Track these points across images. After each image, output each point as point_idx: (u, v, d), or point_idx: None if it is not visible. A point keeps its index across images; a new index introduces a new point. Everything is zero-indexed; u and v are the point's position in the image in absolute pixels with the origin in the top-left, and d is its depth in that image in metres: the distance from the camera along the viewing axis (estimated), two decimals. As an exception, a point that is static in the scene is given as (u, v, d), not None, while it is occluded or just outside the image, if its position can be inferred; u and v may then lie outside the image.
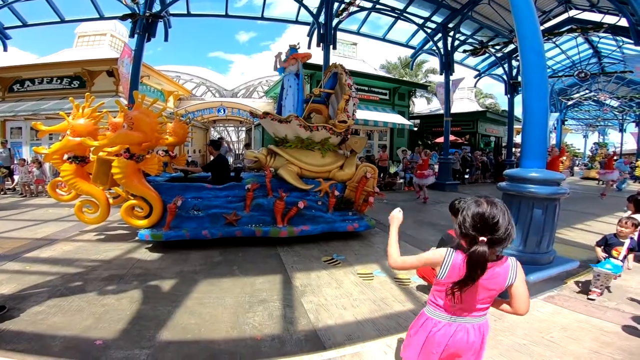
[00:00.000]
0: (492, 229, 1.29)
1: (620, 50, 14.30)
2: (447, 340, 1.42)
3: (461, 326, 1.43)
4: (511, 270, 1.39)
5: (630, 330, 2.76)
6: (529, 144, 3.65)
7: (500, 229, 1.29)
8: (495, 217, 1.30)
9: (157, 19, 9.34)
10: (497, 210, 1.32)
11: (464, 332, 1.42)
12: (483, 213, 1.31)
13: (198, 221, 4.90)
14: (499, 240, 1.30)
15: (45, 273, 3.89)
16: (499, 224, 1.29)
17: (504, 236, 1.30)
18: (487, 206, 1.33)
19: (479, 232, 1.30)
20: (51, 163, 5.60)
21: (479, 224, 1.31)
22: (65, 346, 2.49)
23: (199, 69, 28.44)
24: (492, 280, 1.37)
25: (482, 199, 1.37)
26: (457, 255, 1.39)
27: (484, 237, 1.29)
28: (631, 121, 26.92)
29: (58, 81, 13.88)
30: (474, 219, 1.32)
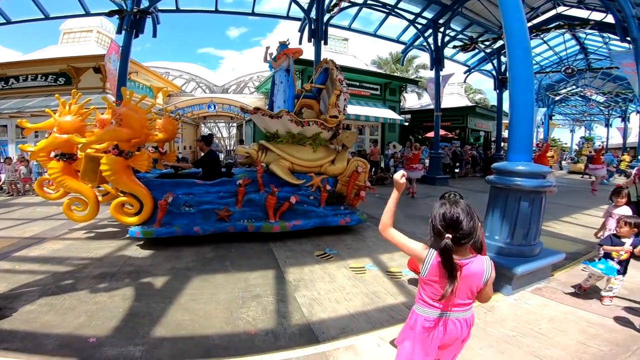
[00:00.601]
0: (456, 226, 1.43)
1: (607, 46, 14.56)
2: (442, 334, 1.53)
3: (451, 320, 1.53)
4: (486, 266, 1.52)
5: (615, 322, 2.83)
6: (515, 138, 3.71)
7: (464, 227, 1.42)
8: (457, 216, 1.43)
9: (145, 15, 9.18)
10: (458, 210, 1.45)
11: (453, 325, 1.53)
12: (445, 212, 1.46)
13: (189, 217, 4.88)
14: (463, 235, 1.43)
15: (35, 272, 3.84)
16: (462, 222, 1.43)
17: (468, 232, 1.43)
18: (449, 206, 1.47)
19: (445, 229, 1.44)
20: (38, 161, 5.49)
21: (443, 221, 1.45)
22: (59, 344, 2.47)
23: (189, 65, 28.13)
24: (471, 277, 1.49)
25: (446, 200, 1.52)
26: (436, 254, 1.48)
27: (449, 233, 1.42)
28: (617, 116, 27.49)
29: (43, 78, 13.57)
30: (442, 217, 1.46)
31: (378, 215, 1.66)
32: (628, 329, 2.72)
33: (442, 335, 1.53)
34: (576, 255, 4.61)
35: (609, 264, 3.20)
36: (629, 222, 3.22)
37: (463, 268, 1.46)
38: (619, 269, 3.17)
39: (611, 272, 3.15)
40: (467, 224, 1.42)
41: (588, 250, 4.91)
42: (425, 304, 1.55)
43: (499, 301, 3.24)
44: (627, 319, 2.87)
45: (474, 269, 1.48)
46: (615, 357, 2.38)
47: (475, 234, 1.44)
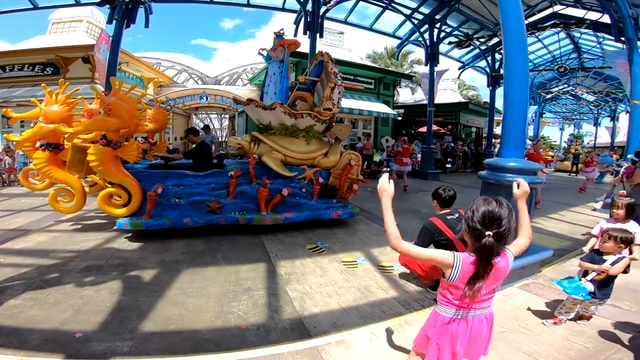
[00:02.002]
0: (498, 224, 1.43)
1: (600, 46, 14.70)
2: (468, 333, 1.55)
3: (476, 318, 1.56)
4: (510, 259, 1.53)
5: (600, 319, 2.85)
6: (508, 134, 3.72)
7: (504, 226, 1.43)
8: (502, 214, 1.44)
9: (137, 5, 8.94)
10: (503, 208, 1.45)
11: (478, 323, 1.56)
12: (492, 210, 1.45)
13: (179, 209, 4.80)
14: (501, 235, 1.43)
15: (19, 265, 3.74)
16: (504, 220, 1.43)
17: (506, 231, 1.44)
18: (496, 204, 1.46)
19: (485, 227, 1.43)
20: (23, 151, 5.34)
21: (487, 219, 1.44)
22: (44, 339, 2.41)
23: (181, 56, 27.71)
24: (498, 273, 1.50)
25: (492, 198, 1.50)
26: (465, 257, 1.48)
27: (489, 231, 1.42)
28: (606, 115, 27.92)
29: (30, 68, 13.30)
30: (483, 214, 1.45)
31: (370, 209, 1.63)
32: (613, 326, 2.75)
33: (469, 333, 1.55)
34: (563, 252, 4.68)
35: (578, 283, 2.65)
36: (614, 236, 2.58)
37: (495, 266, 1.46)
38: (591, 290, 2.59)
39: (577, 292, 2.61)
40: (508, 223, 1.43)
41: (574, 247, 4.98)
42: (452, 305, 1.56)
43: (489, 296, 3.26)
44: (611, 316, 2.89)
45: (502, 265, 1.50)
46: (600, 354, 2.40)
47: (511, 235, 1.47)
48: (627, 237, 2.57)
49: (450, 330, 1.56)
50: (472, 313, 1.54)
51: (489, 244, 1.40)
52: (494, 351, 2.38)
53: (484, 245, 1.41)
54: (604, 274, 2.55)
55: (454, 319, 1.55)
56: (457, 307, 1.54)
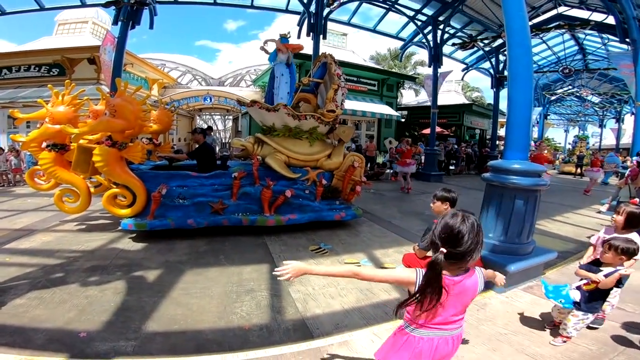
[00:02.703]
0: (454, 242, 1.32)
1: (605, 47, 14.61)
2: (432, 353, 1.46)
3: (442, 339, 1.47)
4: (479, 280, 1.45)
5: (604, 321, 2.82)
6: (512, 136, 3.70)
7: (463, 246, 1.31)
8: (462, 232, 1.31)
9: (142, 6, 9.01)
10: (465, 227, 1.32)
11: (444, 343, 1.47)
12: (452, 225, 1.33)
13: (183, 210, 4.82)
14: (456, 254, 1.32)
15: (25, 265, 3.78)
16: (462, 240, 1.31)
17: (464, 252, 1.32)
18: (459, 220, 1.34)
19: (442, 243, 1.34)
20: (29, 151, 5.40)
21: (444, 234, 1.34)
22: (49, 339, 2.43)
23: (185, 58, 27.82)
24: (464, 294, 1.41)
25: (460, 213, 1.38)
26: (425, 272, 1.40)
27: (444, 248, 1.32)
28: (611, 117, 27.72)
29: (36, 69, 13.42)
30: (443, 228, 1.35)
31: (373, 210, 1.63)
32: (616, 328, 2.73)
33: (433, 354, 1.46)
34: (567, 255, 4.65)
35: (561, 290, 2.52)
36: (615, 246, 2.36)
37: (455, 286, 1.37)
38: (575, 300, 2.44)
39: (557, 297, 2.50)
40: (466, 243, 1.31)
41: (579, 249, 4.94)
42: (416, 324, 1.47)
43: (491, 298, 3.25)
44: (615, 318, 2.87)
45: (469, 285, 1.40)
46: (604, 356, 2.39)
47: (472, 255, 1.33)
48: (629, 248, 2.33)
49: (413, 349, 1.47)
50: (436, 333, 1.45)
51: (437, 260, 1.30)
52: (497, 353, 2.38)
53: (432, 261, 1.32)
54: (593, 285, 2.38)
55: (416, 337, 1.47)
56: (423, 326, 1.45)
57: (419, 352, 1.46)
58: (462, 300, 1.42)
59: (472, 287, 1.42)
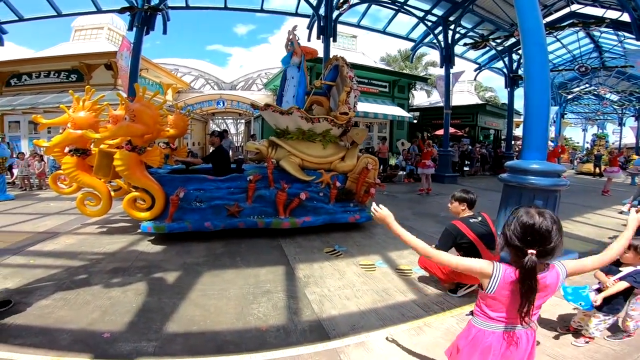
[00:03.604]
0: (542, 240, 1.30)
1: (622, 45, 14.27)
2: (504, 349, 1.44)
3: (517, 334, 1.44)
4: (561, 273, 1.42)
5: None
6: (530, 136, 3.67)
7: (551, 241, 1.30)
8: (547, 228, 1.30)
9: (156, 12, 9.25)
10: (547, 221, 1.31)
11: (517, 339, 1.44)
12: (533, 224, 1.31)
13: (200, 213, 4.91)
14: (546, 252, 1.31)
15: (49, 266, 3.90)
16: (551, 236, 1.30)
17: (552, 247, 1.31)
18: (539, 217, 1.32)
19: (527, 244, 1.30)
20: (52, 156, 5.58)
21: (529, 236, 1.30)
22: (73, 339, 2.50)
23: (197, 62, 28.26)
24: (546, 289, 1.39)
25: (532, 210, 1.36)
26: (505, 269, 1.38)
27: (533, 249, 1.29)
28: (630, 115, 26.95)
29: (55, 75, 13.80)
30: (524, 230, 1.32)
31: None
32: None
33: (503, 350, 1.43)
34: (588, 255, 4.52)
35: (580, 292, 2.52)
36: (635, 246, 2.37)
37: (539, 282, 1.34)
38: (594, 302, 2.42)
39: (576, 299, 2.49)
40: (554, 240, 1.29)
41: (600, 250, 4.79)
42: (489, 319, 1.46)
43: (511, 301, 3.20)
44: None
45: (550, 281, 1.38)
46: (627, 357, 2.36)
47: (558, 251, 1.32)
48: None
49: (483, 345, 1.46)
50: (513, 328, 1.43)
51: (531, 263, 1.26)
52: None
53: (527, 267, 1.27)
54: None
55: (488, 333, 1.45)
56: (493, 320, 1.45)
57: (488, 347, 1.45)
58: (543, 295, 1.40)
59: (553, 283, 1.40)
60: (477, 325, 1.50)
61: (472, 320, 1.55)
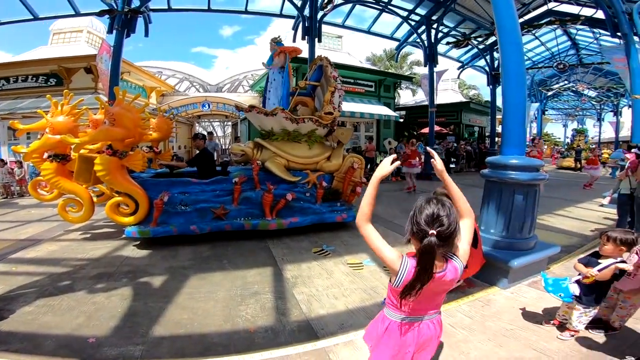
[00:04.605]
0: (440, 223, 1.36)
1: (598, 42, 14.67)
2: (417, 337, 1.51)
3: (424, 323, 1.52)
4: (458, 266, 1.46)
5: None
6: (508, 132, 3.75)
7: (447, 224, 1.36)
8: (443, 212, 1.37)
9: (137, 15, 9.10)
10: (445, 207, 1.39)
11: (426, 327, 1.53)
12: (432, 210, 1.39)
13: (186, 216, 4.86)
14: (445, 235, 1.36)
15: (32, 273, 3.82)
16: (446, 219, 1.36)
17: (450, 232, 1.36)
18: (437, 204, 1.40)
19: (427, 225, 1.37)
20: (31, 162, 5.44)
21: (428, 218, 1.38)
22: (58, 345, 2.46)
23: (182, 64, 27.90)
24: (443, 285, 1.45)
25: (432, 198, 1.44)
26: (412, 262, 1.40)
27: (432, 229, 1.35)
28: (609, 111, 27.77)
29: (34, 79, 13.43)
30: (425, 215, 1.39)
31: (375, 211, 1.61)
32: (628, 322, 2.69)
33: (417, 338, 1.51)
34: (571, 249, 4.66)
35: (560, 283, 2.54)
36: (613, 237, 2.39)
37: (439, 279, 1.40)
38: (575, 294, 2.46)
39: (556, 291, 2.53)
40: (451, 223, 1.36)
41: (582, 243, 4.98)
42: (397, 309, 1.51)
43: (495, 294, 3.28)
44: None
45: (450, 277, 1.43)
46: (614, 350, 2.39)
47: (455, 236, 1.39)
48: (628, 239, 2.36)
49: (397, 334, 1.51)
50: (418, 318, 1.50)
51: (432, 243, 1.32)
52: (503, 349, 2.40)
53: (426, 246, 1.33)
54: (592, 278, 2.36)
55: (400, 323, 1.51)
56: (405, 312, 1.50)
57: (402, 338, 1.51)
58: (443, 288, 1.48)
59: (452, 277, 1.44)
60: (390, 317, 1.55)
61: (385, 311, 1.60)
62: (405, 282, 1.39)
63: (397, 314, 1.52)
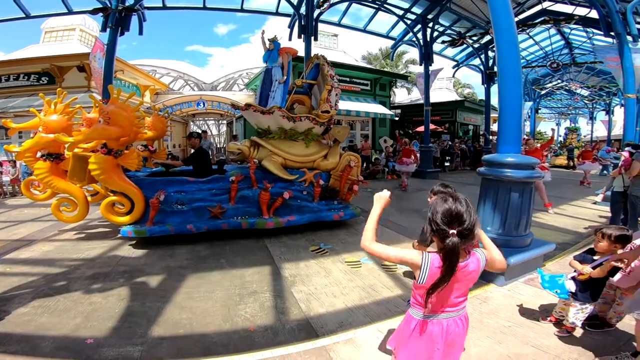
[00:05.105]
0: (460, 220, 1.38)
1: (591, 41, 14.82)
2: (445, 335, 1.50)
3: (452, 320, 1.52)
4: (481, 259, 1.50)
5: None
6: (504, 130, 3.77)
7: (467, 221, 1.38)
8: (462, 209, 1.39)
9: (131, 13, 9.01)
10: (462, 204, 1.41)
11: (454, 324, 1.52)
12: (450, 207, 1.40)
13: (182, 215, 4.83)
14: (465, 232, 1.37)
15: (26, 274, 3.77)
16: (465, 216, 1.38)
17: (470, 228, 1.38)
18: (454, 201, 1.41)
19: (447, 225, 1.38)
20: (24, 161, 5.37)
21: (448, 217, 1.39)
22: (56, 346, 2.44)
23: (176, 63, 27.72)
24: (467, 276, 1.46)
25: (448, 196, 1.45)
26: (433, 257, 1.43)
27: (453, 229, 1.37)
28: (601, 109, 28.06)
29: (25, 78, 13.27)
30: (443, 213, 1.40)
31: (371, 209, 1.64)
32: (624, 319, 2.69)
33: (445, 335, 1.50)
34: (565, 246, 4.71)
35: (557, 279, 2.56)
36: (608, 234, 2.42)
37: (462, 270, 1.42)
38: (571, 291, 2.48)
39: (552, 287, 2.55)
40: (470, 219, 1.38)
41: (577, 240, 5.03)
42: (423, 307, 1.51)
43: (493, 292, 3.30)
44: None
45: (473, 268, 1.46)
46: (611, 346, 2.41)
47: (476, 229, 1.40)
48: (622, 235, 2.37)
49: (424, 333, 1.51)
50: (444, 315, 1.50)
51: (452, 243, 1.35)
52: (502, 345, 2.42)
53: (448, 245, 1.36)
54: (587, 275, 2.39)
55: (427, 322, 1.51)
56: (431, 310, 1.50)
57: (430, 336, 1.51)
58: (468, 283, 1.49)
59: (476, 269, 1.47)
60: (416, 317, 1.55)
61: (410, 310, 1.59)
62: (430, 276, 1.41)
63: (423, 312, 1.52)
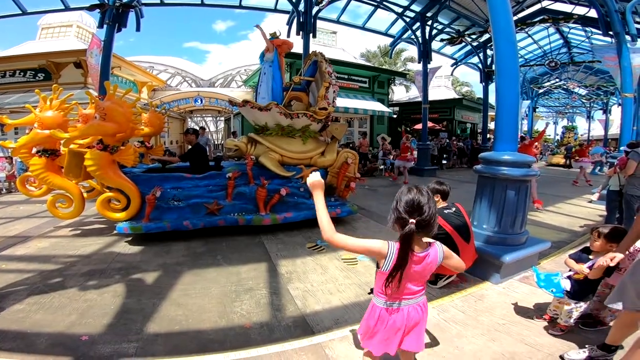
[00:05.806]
0: (420, 211, 1.48)
1: (589, 40, 14.83)
2: (405, 320, 1.60)
3: (411, 307, 1.62)
4: (439, 252, 1.60)
5: None
6: (501, 128, 3.77)
7: (426, 212, 1.47)
8: (423, 200, 1.49)
9: (128, 9, 8.95)
10: (424, 196, 1.50)
11: (414, 310, 1.62)
12: (412, 198, 1.50)
13: (179, 212, 4.82)
14: (424, 222, 1.47)
15: (21, 271, 3.75)
16: (425, 207, 1.48)
17: (428, 219, 1.48)
18: (417, 192, 1.52)
19: (408, 214, 1.48)
20: (19, 158, 5.33)
21: (409, 207, 1.49)
22: (51, 343, 2.43)
23: (174, 59, 27.63)
24: (426, 266, 1.56)
25: (413, 187, 1.55)
26: (397, 245, 1.50)
27: (412, 218, 1.47)
28: (599, 109, 28.16)
29: (22, 74, 13.22)
30: (406, 203, 1.50)
31: (368, 206, 1.67)
32: None
33: (406, 320, 1.59)
34: (561, 244, 4.74)
35: (552, 278, 2.56)
36: (604, 234, 2.44)
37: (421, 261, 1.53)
38: (566, 289, 2.49)
39: (548, 286, 2.55)
40: (429, 210, 1.47)
41: (572, 239, 5.06)
42: (386, 296, 1.59)
43: (488, 290, 3.31)
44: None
45: (432, 258, 1.56)
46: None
47: (434, 223, 1.49)
48: (618, 235, 2.37)
49: (388, 319, 1.59)
50: (405, 303, 1.59)
51: (409, 231, 1.44)
52: (496, 343, 2.43)
53: (405, 234, 1.45)
54: (582, 274, 2.41)
55: (389, 309, 1.59)
56: (392, 298, 1.58)
57: (393, 322, 1.59)
58: (425, 272, 1.59)
59: (434, 259, 1.57)
60: (379, 305, 1.62)
61: (374, 299, 1.67)
62: (393, 264, 1.49)
63: (384, 299, 1.60)
